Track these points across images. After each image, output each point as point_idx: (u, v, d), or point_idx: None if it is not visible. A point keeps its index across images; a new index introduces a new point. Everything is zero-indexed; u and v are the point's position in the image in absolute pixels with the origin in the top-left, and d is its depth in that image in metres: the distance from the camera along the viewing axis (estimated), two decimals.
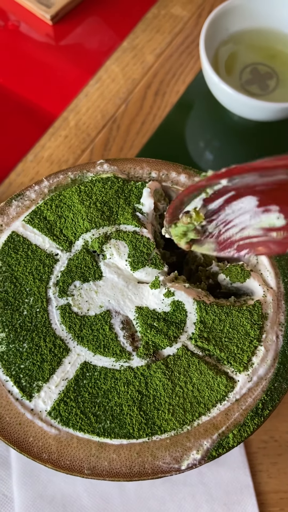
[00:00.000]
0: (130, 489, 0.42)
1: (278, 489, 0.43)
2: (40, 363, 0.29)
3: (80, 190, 0.34)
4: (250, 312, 0.31)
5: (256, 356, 0.31)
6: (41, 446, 0.28)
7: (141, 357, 0.30)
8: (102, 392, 0.29)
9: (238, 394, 0.30)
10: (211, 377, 0.29)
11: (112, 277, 0.31)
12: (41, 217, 0.33)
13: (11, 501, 0.42)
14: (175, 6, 0.64)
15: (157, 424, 0.28)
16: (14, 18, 0.63)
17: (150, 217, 0.34)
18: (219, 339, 0.31)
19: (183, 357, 0.30)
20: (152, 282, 0.32)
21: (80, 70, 0.61)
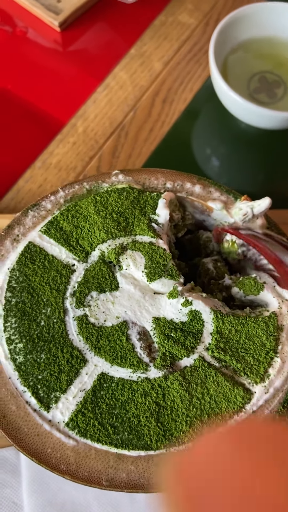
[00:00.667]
0: (140, 497, 0.42)
1: None
2: (58, 374, 0.29)
3: (96, 201, 0.34)
4: (266, 323, 0.32)
5: (272, 367, 0.31)
6: (59, 457, 0.28)
7: (158, 368, 0.30)
8: (120, 403, 0.29)
9: (255, 405, 0.30)
10: (228, 389, 0.30)
11: (128, 288, 0.32)
12: (58, 228, 0.33)
13: (21, 509, 0.42)
14: (182, 13, 0.65)
15: (174, 436, 0.28)
16: (22, 24, 0.63)
17: (165, 228, 0.34)
18: (235, 350, 0.31)
19: (200, 368, 0.30)
20: (170, 292, 0.32)
21: (88, 77, 0.61)
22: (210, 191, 0.36)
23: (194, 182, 0.37)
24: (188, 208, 0.37)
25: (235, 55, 0.56)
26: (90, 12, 0.64)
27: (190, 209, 0.37)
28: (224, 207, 0.36)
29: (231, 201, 0.36)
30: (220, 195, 0.36)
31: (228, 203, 0.36)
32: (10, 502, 0.42)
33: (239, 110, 0.53)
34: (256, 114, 0.51)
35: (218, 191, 0.36)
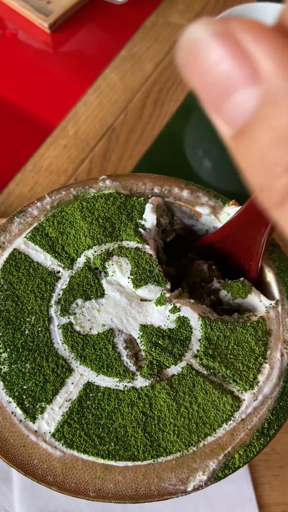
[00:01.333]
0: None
1: (280, 501, 0.43)
2: (43, 384, 0.29)
3: (82, 206, 0.34)
4: (254, 328, 0.31)
5: (261, 374, 0.30)
6: (46, 468, 0.28)
7: (145, 377, 0.29)
8: (106, 413, 0.29)
9: (244, 413, 0.29)
10: (216, 397, 0.29)
11: (114, 295, 0.31)
12: (43, 234, 0.33)
13: None
14: (173, 14, 0.64)
15: (162, 446, 0.28)
16: (12, 26, 0.63)
17: (152, 233, 0.34)
18: (224, 356, 0.30)
19: (188, 376, 0.30)
20: (158, 299, 0.31)
21: (79, 79, 0.60)
22: (198, 196, 0.36)
23: (182, 187, 0.36)
24: (176, 213, 0.36)
25: None
26: (80, 13, 0.63)
27: (179, 214, 0.36)
28: (212, 212, 0.35)
29: (219, 206, 0.36)
30: (208, 200, 0.36)
31: (217, 208, 0.36)
32: (2, 510, 0.41)
33: None
34: None
35: (206, 196, 0.36)
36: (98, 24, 0.64)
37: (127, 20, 0.64)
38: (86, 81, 0.60)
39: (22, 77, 0.60)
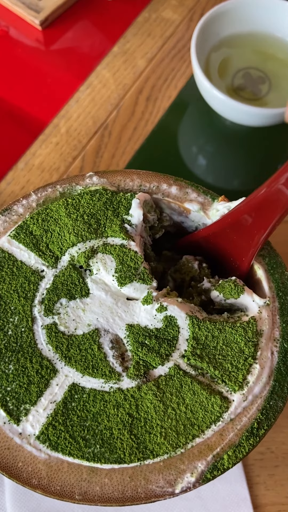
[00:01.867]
0: None
1: (275, 501, 0.42)
2: (27, 386, 0.28)
3: (68, 203, 0.33)
4: (244, 329, 0.31)
5: (251, 374, 0.30)
6: (30, 471, 0.27)
7: (132, 378, 0.29)
8: (91, 415, 0.28)
9: (233, 414, 0.29)
10: (204, 398, 0.29)
11: (99, 294, 0.31)
12: (27, 232, 0.32)
13: None
14: (166, 9, 0.63)
15: (149, 448, 0.28)
16: (3, 23, 0.62)
17: (139, 229, 0.33)
18: (213, 356, 0.30)
19: (175, 377, 0.29)
20: (144, 298, 0.31)
21: (71, 76, 0.60)
22: (187, 192, 0.35)
23: (171, 183, 0.35)
24: (165, 210, 0.36)
25: (218, 51, 0.55)
26: (71, 10, 0.63)
27: (168, 211, 0.36)
28: (201, 209, 0.35)
29: (208, 202, 0.35)
30: (197, 196, 0.35)
31: (206, 204, 0.35)
32: None
33: (223, 108, 0.51)
34: (239, 111, 0.50)
35: (195, 192, 0.35)
36: (90, 20, 0.63)
37: (120, 16, 0.63)
38: (78, 78, 0.59)
39: (13, 74, 0.60)
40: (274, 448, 0.44)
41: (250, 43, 0.56)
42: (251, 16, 0.54)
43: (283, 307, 0.32)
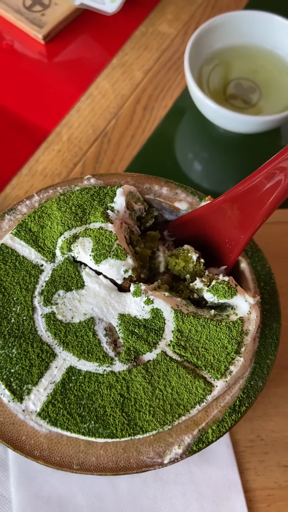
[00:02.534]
0: (123, 488, 0.44)
1: (265, 486, 0.45)
2: (29, 368, 0.31)
3: (60, 199, 0.36)
4: (229, 328, 0.33)
5: (234, 365, 0.32)
6: (33, 444, 0.30)
7: (123, 362, 0.32)
8: (87, 395, 0.31)
9: (216, 396, 0.31)
10: (189, 381, 0.31)
11: (93, 286, 0.33)
12: (27, 229, 0.35)
13: (9, 501, 0.43)
14: (162, 24, 0.67)
15: (138, 425, 0.30)
16: (9, 38, 0.66)
17: (121, 214, 0.35)
18: (195, 348, 0.32)
19: (162, 362, 0.32)
20: (134, 290, 0.33)
21: (72, 87, 0.63)
22: (176, 193, 0.38)
23: (162, 184, 0.39)
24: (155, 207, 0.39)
25: (211, 63, 0.59)
26: (72, 25, 0.66)
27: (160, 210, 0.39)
28: (190, 208, 0.38)
29: (196, 201, 0.38)
30: (186, 196, 0.38)
31: (194, 204, 0.38)
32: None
33: (215, 116, 0.55)
34: (231, 120, 0.53)
35: (184, 192, 0.38)
36: (90, 34, 0.66)
37: (118, 30, 0.66)
38: (79, 88, 0.63)
39: (18, 85, 0.63)
40: (264, 436, 0.46)
41: (241, 55, 0.59)
42: (241, 29, 0.58)
43: (264, 296, 0.35)
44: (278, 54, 0.58)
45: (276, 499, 0.44)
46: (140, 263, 0.35)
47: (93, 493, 0.43)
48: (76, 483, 0.44)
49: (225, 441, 0.46)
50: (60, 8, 0.65)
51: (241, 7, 0.68)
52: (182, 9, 0.68)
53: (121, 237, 0.34)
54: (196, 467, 0.45)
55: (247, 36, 0.58)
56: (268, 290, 0.36)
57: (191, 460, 0.45)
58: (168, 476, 0.44)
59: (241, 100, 0.57)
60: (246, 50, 0.59)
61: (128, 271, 0.33)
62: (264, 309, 0.35)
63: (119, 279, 0.34)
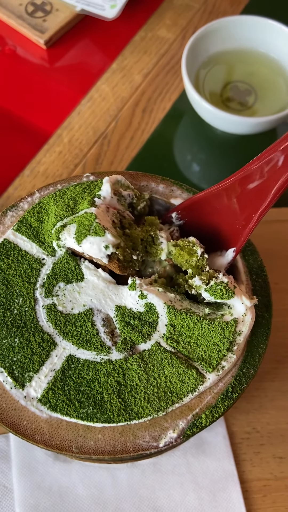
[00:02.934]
0: (122, 478, 0.45)
1: (261, 477, 0.46)
2: (31, 356, 0.33)
3: (56, 195, 0.38)
4: (222, 328, 0.33)
5: (226, 361, 0.33)
6: (34, 428, 0.31)
7: (120, 351, 0.33)
8: (85, 382, 0.32)
9: (208, 387, 0.33)
10: (182, 370, 0.32)
11: (92, 279, 0.35)
12: (27, 225, 0.37)
13: (11, 492, 0.44)
14: (161, 29, 0.69)
15: (134, 411, 0.32)
16: (11, 43, 0.68)
17: (107, 200, 0.36)
18: (187, 343, 0.33)
19: (157, 352, 0.33)
20: (130, 284, 0.34)
21: (73, 90, 0.65)
22: (172, 190, 0.40)
23: (158, 182, 0.40)
24: (154, 205, 0.40)
25: (208, 66, 0.60)
26: (74, 30, 0.68)
27: (157, 207, 0.40)
28: None
29: None
30: (182, 193, 0.40)
31: None
32: (1, 486, 0.45)
33: (213, 118, 0.56)
34: (228, 121, 0.54)
35: (180, 189, 0.40)
36: (90, 39, 0.68)
37: (118, 35, 0.68)
38: (80, 92, 0.65)
39: (20, 89, 0.65)
40: (259, 428, 0.47)
41: (237, 59, 0.61)
42: (236, 34, 0.59)
43: (256, 288, 0.36)
44: (273, 57, 0.60)
45: (271, 489, 0.45)
46: (130, 244, 0.36)
47: (93, 483, 0.45)
48: (76, 474, 0.45)
49: (221, 433, 0.47)
50: (62, 14, 0.67)
51: (237, 12, 0.70)
52: (180, 14, 0.70)
53: (102, 217, 0.35)
54: (194, 458, 0.46)
55: (242, 40, 0.60)
56: (260, 282, 0.37)
57: (188, 451, 0.46)
58: (166, 467, 0.46)
59: (237, 103, 0.59)
60: (242, 54, 0.61)
61: (109, 247, 0.34)
62: None
63: (103, 257, 0.34)
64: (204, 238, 0.38)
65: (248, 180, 0.34)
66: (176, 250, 0.36)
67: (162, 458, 0.46)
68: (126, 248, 0.35)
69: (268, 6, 0.71)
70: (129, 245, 0.35)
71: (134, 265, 0.36)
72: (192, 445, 0.46)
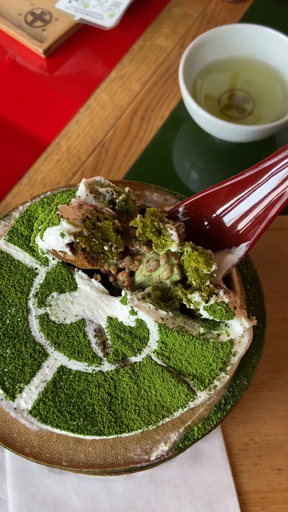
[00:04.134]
0: (118, 490, 0.44)
1: (259, 489, 0.45)
2: (22, 367, 0.32)
3: (43, 202, 0.38)
4: (217, 349, 0.33)
5: (219, 381, 0.32)
6: (24, 441, 0.31)
7: (111, 362, 0.33)
8: (76, 393, 0.32)
9: (198, 404, 0.32)
10: (172, 385, 0.32)
11: (85, 289, 0.35)
12: (18, 234, 0.37)
13: (6, 503, 0.44)
14: (159, 37, 0.69)
15: (124, 423, 0.31)
16: (11, 52, 0.68)
17: (82, 198, 0.35)
18: (179, 361, 0.33)
19: (148, 365, 0.33)
20: (122, 298, 0.34)
21: (72, 99, 0.65)
22: (166, 198, 0.40)
23: (152, 190, 0.40)
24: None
25: (205, 74, 0.60)
26: (72, 39, 0.69)
27: None
28: None
29: None
30: (176, 201, 0.40)
31: None
32: None
33: (210, 127, 0.56)
34: (225, 129, 0.54)
35: (174, 198, 0.40)
36: (89, 48, 0.68)
37: (117, 44, 0.68)
38: (78, 100, 0.65)
39: (19, 98, 0.65)
40: (257, 439, 0.47)
41: (235, 67, 0.61)
42: (234, 42, 0.59)
43: (249, 298, 0.36)
44: (270, 65, 0.60)
45: (269, 502, 0.45)
46: (98, 234, 0.34)
47: (88, 495, 0.44)
48: (71, 486, 0.44)
49: (218, 444, 0.46)
50: (61, 23, 0.67)
51: (236, 20, 0.70)
52: (178, 23, 0.70)
53: (69, 212, 0.34)
54: (190, 469, 0.45)
55: (240, 49, 0.60)
56: (253, 292, 0.37)
57: (185, 462, 0.45)
58: (162, 479, 0.45)
59: (235, 110, 0.59)
60: (239, 62, 0.60)
61: (65, 235, 0.32)
62: (250, 311, 0.36)
63: (63, 248, 0.33)
64: (209, 236, 0.36)
65: (268, 171, 0.33)
66: (194, 253, 0.33)
67: (158, 469, 0.45)
68: (93, 239, 0.33)
69: (266, 15, 0.71)
70: (97, 236, 0.34)
71: (108, 257, 0.34)
72: (189, 457, 0.46)
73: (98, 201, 0.36)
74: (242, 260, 0.37)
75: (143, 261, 0.35)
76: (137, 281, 0.35)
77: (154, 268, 0.34)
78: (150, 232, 0.34)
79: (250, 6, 0.72)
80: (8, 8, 0.69)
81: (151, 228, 0.34)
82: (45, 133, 0.63)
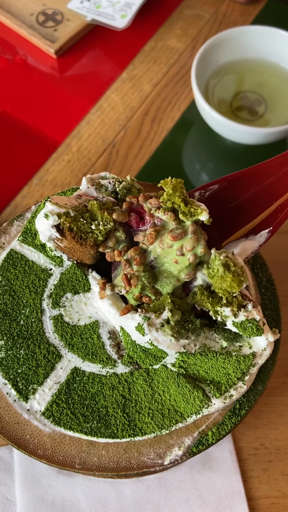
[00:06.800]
0: (126, 494, 0.44)
1: (269, 494, 0.45)
2: (35, 368, 0.32)
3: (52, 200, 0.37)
4: (239, 361, 0.32)
5: (236, 391, 0.32)
6: (36, 443, 0.31)
7: (125, 364, 0.33)
8: (90, 395, 0.32)
9: (211, 412, 0.32)
10: (187, 390, 0.32)
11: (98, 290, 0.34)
12: (32, 235, 0.36)
13: (14, 505, 0.44)
14: (171, 38, 0.69)
15: (138, 426, 0.31)
16: (22, 52, 0.68)
17: (83, 191, 0.35)
18: (197, 372, 0.32)
19: (163, 370, 0.32)
20: (137, 326, 0.31)
21: (82, 99, 0.65)
22: None
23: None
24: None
25: (218, 76, 0.60)
26: (84, 39, 0.68)
27: None
28: None
29: None
30: None
31: None
32: (4, 499, 0.44)
33: (222, 128, 0.56)
34: (237, 131, 0.54)
35: None
36: (101, 49, 0.68)
37: (128, 45, 0.68)
38: (89, 101, 0.65)
39: (30, 98, 0.65)
40: (267, 444, 0.46)
41: (247, 69, 0.60)
42: (246, 44, 0.59)
43: (264, 302, 0.36)
44: (283, 67, 0.59)
45: (280, 508, 0.44)
46: (86, 214, 0.33)
47: (97, 498, 0.44)
48: (80, 488, 0.44)
49: (228, 448, 0.46)
50: (72, 23, 0.67)
51: (248, 22, 0.70)
52: (190, 24, 0.70)
53: (62, 200, 0.33)
54: (200, 474, 0.45)
55: (252, 50, 0.60)
56: (268, 296, 0.36)
57: (194, 467, 0.45)
58: (171, 483, 0.45)
59: (247, 112, 0.59)
60: (252, 64, 0.60)
61: (49, 216, 0.32)
62: (265, 315, 0.35)
63: (51, 230, 0.32)
64: (223, 225, 0.35)
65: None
66: (227, 275, 0.30)
67: (168, 473, 0.45)
68: (81, 219, 0.32)
69: (278, 17, 0.71)
70: (86, 216, 0.33)
71: (97, 236, 0.33)
72: (198, 461, 0.45)
73: (99, 192, 0.35)
74: (257, 264, 0.37)
75: (164, 233, 0.32)
76: (150, 257, 0.33)
77: (179, 236, 0.31)
78: (178, 198, 0.31)
79: (262, 8, 0.71)
80: (20, 8, 0.69)
81: (180, 194, 0.31)
82: (56, 133, 0.62)
